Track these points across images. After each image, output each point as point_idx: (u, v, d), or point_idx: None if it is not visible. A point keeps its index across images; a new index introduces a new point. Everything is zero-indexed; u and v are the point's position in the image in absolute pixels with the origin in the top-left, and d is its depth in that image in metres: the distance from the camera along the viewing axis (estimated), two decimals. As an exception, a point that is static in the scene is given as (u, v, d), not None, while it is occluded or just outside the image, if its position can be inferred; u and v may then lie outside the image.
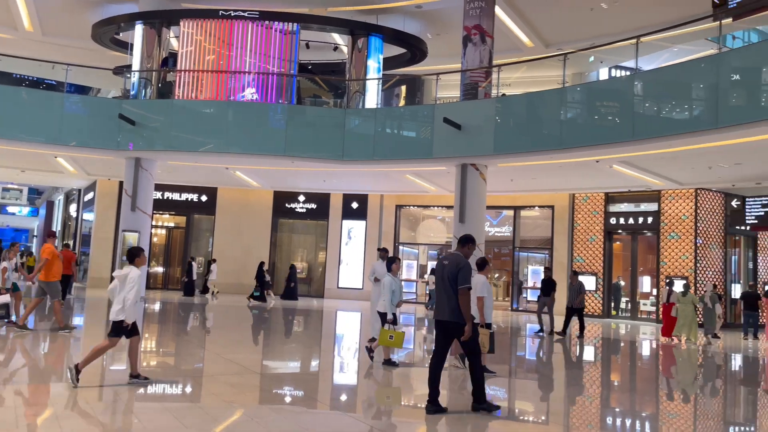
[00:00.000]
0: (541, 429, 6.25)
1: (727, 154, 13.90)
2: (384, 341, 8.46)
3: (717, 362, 12.40)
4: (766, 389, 9.45)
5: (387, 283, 8.77)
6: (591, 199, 20.26)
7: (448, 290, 5.92)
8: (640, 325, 18.51)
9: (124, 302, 6.30)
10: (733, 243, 19.49)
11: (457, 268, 5.89)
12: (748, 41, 20.11)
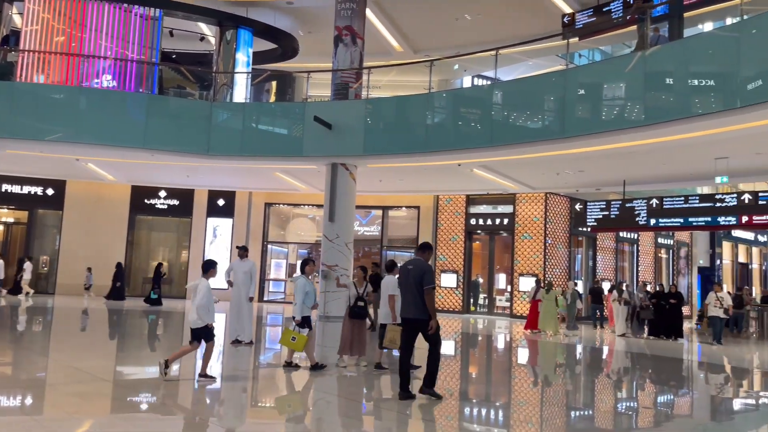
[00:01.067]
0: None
1: (573, 162, 15.24)
2: (286, 342, 8.30)
3: (575, 351, 13.54)
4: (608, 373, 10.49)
5: (300, 284, 8.53)
6: (454, 200, 21.26)
7: (414, 292, 6.64)
8: (497, 319, 19.73)
9: (197, 310, 7.15)
10: (576, 243, 21.43)
11: (422, 272, 6.65)
12: (592, 59, 22.25)
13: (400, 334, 7.15)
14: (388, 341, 7.47)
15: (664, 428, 6.84)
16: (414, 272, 6.69)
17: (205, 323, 7.20)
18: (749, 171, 15.01)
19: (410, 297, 6.71)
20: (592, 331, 17.23)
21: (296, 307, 8.42)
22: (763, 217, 13.53)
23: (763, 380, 10.88)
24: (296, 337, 8.21)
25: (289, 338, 8.24)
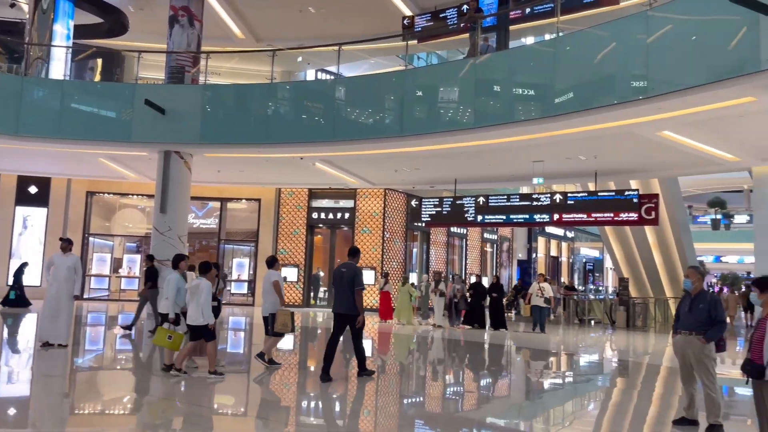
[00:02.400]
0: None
1: (410, 160, 15.87)
2: (161, 341, 7.75)
3: (416, 341, 14.07)
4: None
5: (173, 280, 8.00)
6: (296, 194, 21.11)
7: (346, 291, 7.77)
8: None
9: (201, 310, 7.46)
10: (412, 237, 22.41)
11: (354, 274, 7.79)
12: (430, 63, 23.32)
13: (290, 317, 8.15)
14: (280, 325, 8.17)
15: (483, 410, 7.38)
16: (347, 274, 7.81)
17: (206, 322, 7.50)
18: (561, 174, 16.76)
19: (342, 295, 7.83)
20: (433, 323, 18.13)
21: (169, 304, 8.00)
22: (571, 215, 15.18)
23: (570, 362, 12.21)
24: (172, 335, 7.78)
25: (165, 337, 7.75)
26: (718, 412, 5.80)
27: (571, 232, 35.26)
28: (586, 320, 20.45)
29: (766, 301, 4.93)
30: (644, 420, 6.98)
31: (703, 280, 6.09)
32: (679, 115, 10.96)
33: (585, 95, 11.35)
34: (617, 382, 9.90)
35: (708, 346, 5.85)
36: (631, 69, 10.74)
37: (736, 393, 8.42)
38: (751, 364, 4.83)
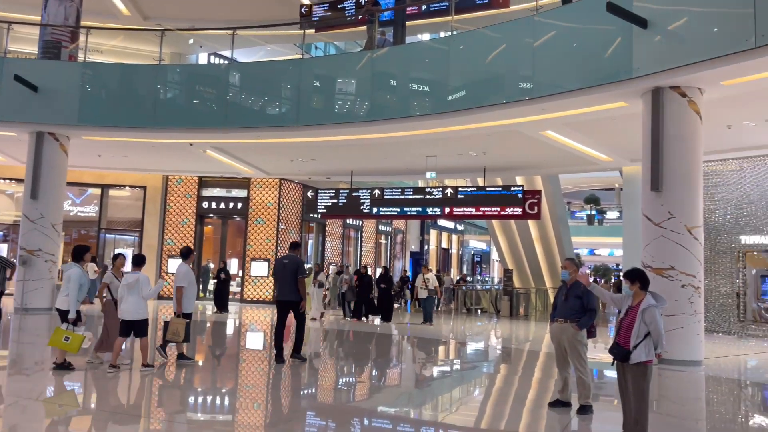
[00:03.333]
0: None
1: (306, 150, 15.71)
2: (57, 343, 7.19)
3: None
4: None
5: (74, 276, 7.36)
6: (185, 181, 20.23)
7: (289, 280, 8.66)
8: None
9: (144, 303, 7.53)
10: (308, 228, 22.23)
11: (296, 265, 8.75)
12: (328, 53, 23.17)
13: (184, 327, 8.01)
14: (171, 333, 8.00)
15: (373, 399, 7.48)
16: (290, 265, 8.74)
17: (147, 317, 7.56)
18: (453, 169, 17.32)
19: (286, 284, 8.72)
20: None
21: (70, 300, 7.42)
22: (461, 209, 15.73)
23: (458, 350, 12.68)
24: (70, 336, 7.20)
25: (61, 338, 7.18)
26: (588, 394, 6.26)
27: (461, 225, 36.59)
28: (474, 309, 21.34)
29: (636, 292, 5.35)
30: (524, 403, 7.39)
31: (578, 271, 6.53)
32: (561, 117, 11.66)
33: (476, 93, 11.77)
34: (500, 368, 10.41)
35: (581, 332, 6.28)
36: (518, 70, 11.26)
37: (606, 375, 9.13)
38: (618, 347, 5.25)
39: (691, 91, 9.61)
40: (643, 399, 5.12)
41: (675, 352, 9.40)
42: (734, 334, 14.39)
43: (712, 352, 11.22)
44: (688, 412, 7.15)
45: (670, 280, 9.46)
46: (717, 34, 8.60)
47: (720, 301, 14.76)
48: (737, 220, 14.57)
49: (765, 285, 14.40)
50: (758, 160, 14.18)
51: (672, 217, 9.55)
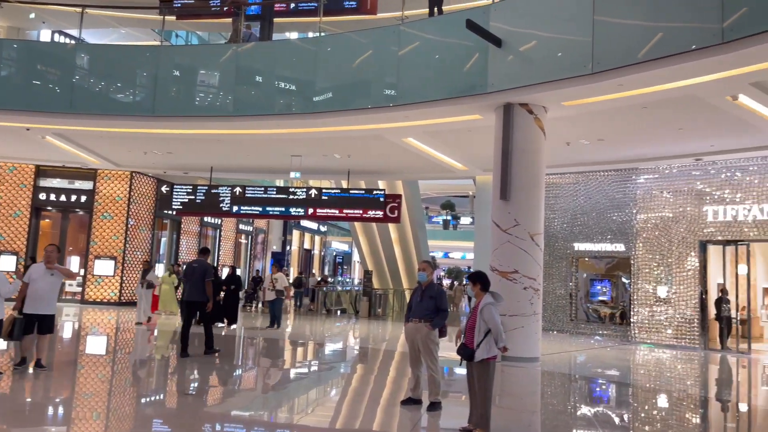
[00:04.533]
0: None
1: (162, 143, 14.86)
2: None
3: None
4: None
5: None
6: (19, 170, 18.23)
7: (198, 283, 9.40)
8: (63, 306, 17.73)
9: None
10: (161, 226, 21.02)
11: (205, 269, 9.53)
12: (190, 42, 22.13)
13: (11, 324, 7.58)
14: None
15: (226, 404, 7.25)
16: (198, 269, 9.52)
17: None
18: (317, 170, 17.33)
19: (194, 286, 9.44)
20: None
21: None
22: (324, 210, 15.77)
23: (316, 351, 12.67)
24: None
25: None
26: (438, 391, 6.56)
27: (324, 226, 36.70)
28: (334, 310, 21.49)
29: (477, 293, 5.72)
30: (378, 402, 7.57)
31: (433, 273, 6.83)
32: (422, 125, 12.14)
33: (343, 96, 11.89)
34: (357, 368, 10.57)
35: (433, 332, 6.57)
36: (384, 77, 11.55)
37: (456, 373, 9.63)
38: (465, 348, 5.57)
39: (537, 109, 10.45)
40: (487, 394, 5.48)
41: (516, 350, 10.13)
42: (567, 332, 15.86)
43: (548, 348, 12.27)
44: (525, 405, 7.76)
45: (514, 282, 10.20)
46: (561, 58, 9.44)
47: (556, 302, 16.20)
48: (572, 229, 16.10)
49: (593, 288, 16.06)
50: (591, 175, 15.78)
51: (517, 224, 10.32)
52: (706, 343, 13.82)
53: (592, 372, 10.89)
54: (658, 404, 8.27)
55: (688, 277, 14.07)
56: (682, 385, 9.88)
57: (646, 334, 14.57)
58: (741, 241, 13.62)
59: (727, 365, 12.26)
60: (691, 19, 8.07)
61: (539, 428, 6.62)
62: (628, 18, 8.78)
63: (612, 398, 8.73)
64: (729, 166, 13.61)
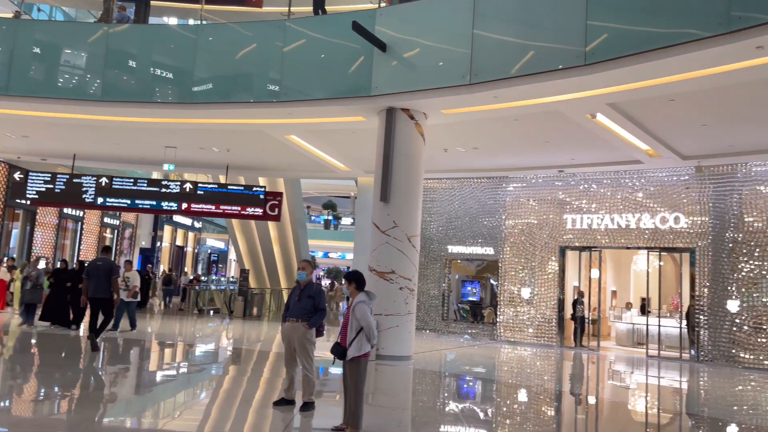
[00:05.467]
0: None
1: (18, 125, 13.50)
2: None
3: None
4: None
5: None
6: None
7: (103, 280, 9.86)
8: None
9: None
10: (12, 216, 19.08)
11: (109, 266, 10.04)
12: (54, 18, 20.31)
13: None
14: None
15: (85, 411, 6.73)
16: (103, 267, 9.98)
17: None
18: (194, 163, 16.60)
19: (100, 283, 9.86)
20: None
21: None
22: (200, 205, 15.14)
23: (186, 352, 12.11)
24: None
25: None
26: (312, 391, 6.53)
27: (199, 223, 35.27)
28: (206, 310, 20.70)
29: (353, 292, 5.77)
30: (250, 404, 7.38)
31: (313, 272, 6.78)
32: (305, 123, 12.05)
33: (224, 88, 11.50)
34: (229, 369, 10.25)
35: (310, 331, 6.53)
36: (268, 72, 11.32)
37: (331, 373, 9.64)
38: (338, 346, 5.59)
39: (417, 115, 10.76)
40: (358, 392, 5.53)
41: (390, 348, 10.37)
42: (438, 331, 16.48)
43: (420, 347, 12.66)
44: (397, 402, 7.94)
45: (390, 282, 10.42)
46: (442, 67, 9.79)
47: (429, 302, 16.78)
48: (447, 232, 16.76)
49: (464, 288, 16.83)
50: (465, 182, 16.53)
51: (396, 226, 10.55)
52: (563, 341, 14.97)
53: (460, 369, 11.38)
54: (518, 398, 8.82)
55: (549, 279, 15.17)
56: (540, 380, 10.62)
57: (510, 333, 15.51)
58: (594, 247, 14.92)
59: (580, 361, 13.35)
60: (559, 41, 8.72)
61: (409, 425, 6.80)
62: (504, 34, 9.30)
63: (478, 394, 9.18)
64: (587, 178, 14.85)
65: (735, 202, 12.98)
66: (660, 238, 13.86)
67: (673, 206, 13.71)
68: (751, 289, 12.62)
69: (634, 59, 7.91)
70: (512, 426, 7.07)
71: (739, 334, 12.68)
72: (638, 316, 15.88)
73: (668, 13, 7.71)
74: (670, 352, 14.05)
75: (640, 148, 12.16)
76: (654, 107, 9.85)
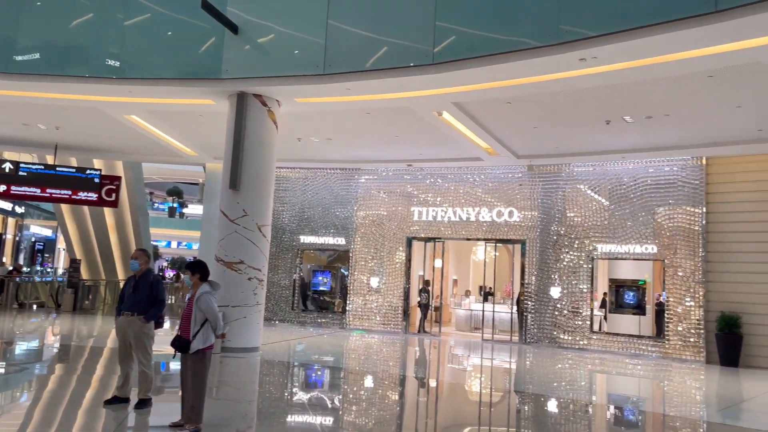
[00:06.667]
0: None
1: None
2: None
3: None
4: None
5: None
6: None
7: None
8: None
9: None
10: None
11: None
12: None
13: None
14: None
15: None
16: None
17: None
18: (15, 140, 14.83)
19: None
20: None
21: None
22: (22, 188, 13.60)
23: (2, 350, 10.84)
24: None
25: None
26: (149, 387, 6.17)
27: (21, 207, 31.68)
28: (29, 304, 18.67)
29: (196, 282, 5.52)
30: (79, 404, 6.80)
31: (149, 262, 6.39)
32: (148, 103, 11.31)
33: (54, 60, 10.43)
34: (56, 368, 9.36)
35: (148, 324, 6.15)
36: (106, 46, 10.46)
37: (172, 368, 9.17)
38: (180, 339, 5.34)
39: (270, 102, 10.56)
40: (201, 385, 5.33)
41: (237, 340, 10.13)
42: (289, 321, 16.39)
43: (270, 338, 12.52)
44: (243, 395, 7.78)
45: (239, 273, 10.15)
46: (296, 55, 9.69)
47: (280, 293, 16.62)
48: (300, 222, 16.70)
49: (315, 278, 16.89)
50: (319, 172, 16.57)
51: (246, 215, 10.29)
52: (408, 327, 15.64)
53: (309, 359, 11.43)
54: (365, 385, 9.07)
55: (396, 269, 15.74)
56: (386, 366, 11.01)
57: (359, 321, 15.87)
58: (438, 238, 15.74)
59: (422, 347, 14.04)
60: (410, 39, 9.03)
61: (255, 416, 6.70)
62: (358, 27, 9.42)
63: (326, 382, 9.29)
64: (433, 173, 15.60)
65: (559, 199, 14.39)
66: (496, 230, 14.98)
67: (508, 201, 14.87)
68: (570, 277, 14.10)
69: (477, 62, 8.43)
70: (358, 411, 7.26)
71: (560, 317, 14.12)
72: (476, 303, 17.06)
73: (508, 21, 8.32)
74: (503, 335, 15.28)
75: (480, 146, 13.01)
76: (493, 108, 10.59)
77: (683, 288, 12.90)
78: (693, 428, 7.22)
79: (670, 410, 8.36)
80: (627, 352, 13.35)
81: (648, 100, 9.65)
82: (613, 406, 8.55)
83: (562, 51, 7.81)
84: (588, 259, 13.97)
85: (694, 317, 12.71)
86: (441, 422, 7.16)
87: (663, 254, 13.19)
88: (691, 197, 13.00)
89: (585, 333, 13.82)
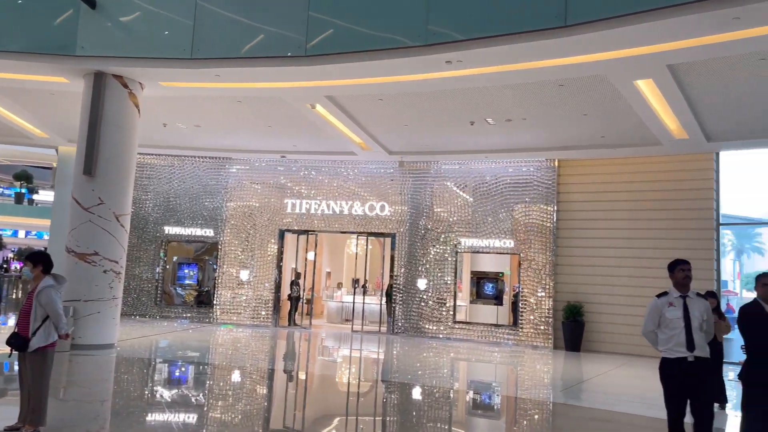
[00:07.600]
0: None
1: None
2: None
3: None
4: None
5: None
6: None
7: None
8: None
9: None
10: None
11: None
12: None
13: None
14: None
15: None
16: None
17: None
18: None
19: None
20: None
21: None
22: None
23: None
24: None
25: None
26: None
27: None
28: None
29: (38, 275, 5.04)
30: None
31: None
32: (-10, 77, 10.19)
33: None
34: None
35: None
36: (-64, 8, 9.25)
37: (17, 368, 8.37)
38: (17, 336, 4.87)
39: (132, 84, 9.94)
40: (42, 386, 4.91)
41: (89, 337, 9.46)
42: (151, 316, 15.56)
43: (128, 334, 11.81)
44: (95, 395, 7.28)
45: (93, 265, 9.47)
46: (162, 36, 9.19)
47: (141, 286, 15.71)
48: (164, 212, 15.87)
49: (181, 271, 16.17)
50: (187, 160, 15.85)
51: (102, 203, 9.61)
52: (278, 321, 15.48)
53: (172, 355, 10.95)
54: (231, 380, 8.86)
55: (268, 262, 15.50)
56: (253, 360, 10.83)
57: (227, 316, 15.44)
58: (312, 231, 15.71)
59: (292, 339, 13.97)
60: (284, 28, 8.90)
61: (109, 416, 6.31)
62: (231, 12, 9.12)
63: (189, 378, 8.95)
64: (307, 165, 15.54)
65: (428, 195, 14.95)
66: (368, 224, 15.25)
67: (380, 196, 15.19)
68: (436, 270, 14.72)
69: (349, 57, 8.51)
70: (224, 407, 7.08)
71: (425, 308, 14.69)
72: (347, 295, 17.26)
73: (381, 18, 8.48)
74: (372, 326, 15.61)
75: (354, 140, 13.16)
76: (366, 104, 10.76)
77: (536, 280, 13.95)
78: (540, 409, 7.86)
79: (521, 393, 9.04)
80: (486, 340, 14.20)
81: (508, 104, 10.30)
82: (472, 392, 9.07)
83: (430, 52, 8.10)
84: (453, 252, 14.66)
85: (545, 307, 13.80)
86: (309, 414, 7.19)
87: (519, 248, 14.18)
88: (544, 196, 14.07)
89: (449, 323, 14.51)
